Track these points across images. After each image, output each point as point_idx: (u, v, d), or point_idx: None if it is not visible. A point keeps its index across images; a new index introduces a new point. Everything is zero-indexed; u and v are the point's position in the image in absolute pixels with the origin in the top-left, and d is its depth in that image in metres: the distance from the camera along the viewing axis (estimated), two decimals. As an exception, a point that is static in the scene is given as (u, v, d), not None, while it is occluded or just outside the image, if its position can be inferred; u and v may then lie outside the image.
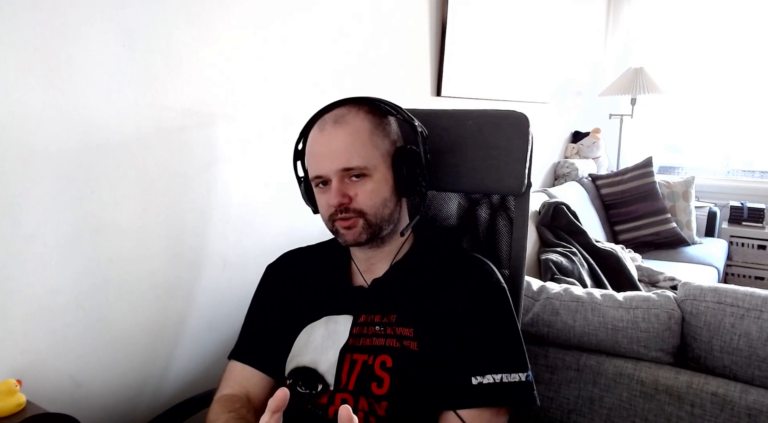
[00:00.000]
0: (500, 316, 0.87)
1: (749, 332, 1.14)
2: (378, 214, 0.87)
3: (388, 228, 0.90)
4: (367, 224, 0.87)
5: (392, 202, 0.90)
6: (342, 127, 0.86)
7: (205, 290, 1.28)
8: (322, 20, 1.50)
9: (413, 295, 0.89)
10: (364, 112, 0.89)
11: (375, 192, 0.87)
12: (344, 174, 0.86)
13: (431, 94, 2.11)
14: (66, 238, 0.99)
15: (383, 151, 0.88)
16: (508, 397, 0.82)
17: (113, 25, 1.01)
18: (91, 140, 1.01)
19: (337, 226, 0.88)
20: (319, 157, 0.87)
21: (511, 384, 0.81)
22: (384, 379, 0.83)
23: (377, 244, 0.92)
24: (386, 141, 0.89)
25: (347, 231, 0.87)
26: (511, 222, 1.08)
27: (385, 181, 0.88)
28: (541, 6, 2.91)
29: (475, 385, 0.80)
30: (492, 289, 0.89)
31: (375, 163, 0.87)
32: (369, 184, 0.86)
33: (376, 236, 0.89)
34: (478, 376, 0.81)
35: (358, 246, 0.90)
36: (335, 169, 0.85)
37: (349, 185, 0.86)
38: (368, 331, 0.88)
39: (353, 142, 0.85)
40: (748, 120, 3.76)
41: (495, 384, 0.81)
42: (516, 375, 0.82)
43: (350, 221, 0.86)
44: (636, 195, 3.17)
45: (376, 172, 0.87)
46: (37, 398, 0.94)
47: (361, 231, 0.87)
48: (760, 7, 3.58)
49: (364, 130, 0.87)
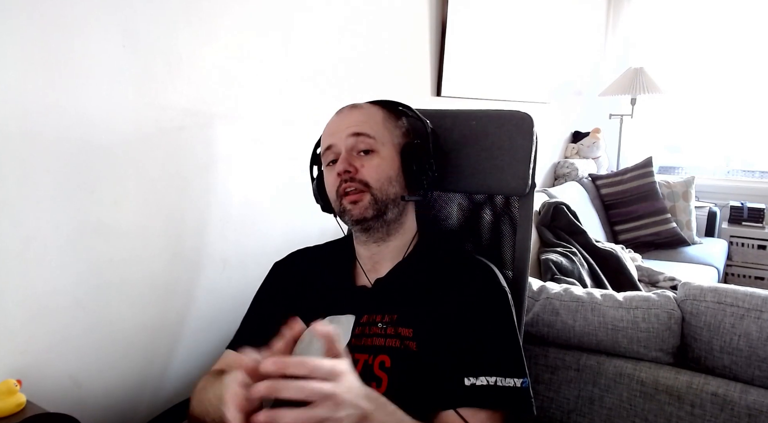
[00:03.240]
0: (499, 319, 0.86)
1: (749, 332, 1.14)
2: (383, 190, 0.89)
3: (393, 211, 0.91)
4: (374, 199, 0.88)
5: (398, 185, 0.91)
6: (358, 109, 0.93)
7: (205, 290, 1.28)
8: (322, 20, 1.50)
9: (415, 296, 0.89)
10: (379, 106, 0.96)
11: (380, 167, 0.89)
12: (353, 146, 0.89)
13: (431, 94, 2.11)
14: (66, 239, 0.99)
15: (394, 139, 0.93)
16: (502, 402, 0.80)
17: (113, 25, 1.01)
18: (91, 140, 1.01)
19: (344, 203, 0.89)
20: (331, 132, 0.92)
21: (505, 388, 0.80)
22: (382, 379, 0.83)
23: (382, 235, 0.92)
24: (398, 131, 0.94)
25: (353, 205, 0.88)
26: (514, 223, 1.07)
27: (391, 161, 0.91)
28: (541, 6, 2.91)
29: (467, 386, 0.79)
30: (493, 293, 0.88)
31: (384, 141, 0.91)
32: (375, 159, 0.89)
33: (382, 214, 0.89)
34: (471, 377, 0.79)
35: (365, 225, 0.90)
36: (346, 135, 0.89)
37: (356, 158, 0.89)
38: (370, 331, 0.88)
39: (367, 119, 0.91)
40: (748, 120, 3.77)
41: (488, 387, 0.79)
42: (511, 380, 0.81)
43: (356, 195, 0.88)
44: (636, 195, 3.17)
45: (383, 148, 0.90)
46: (37, 398, 0.93)
47: (368, 205, 0.88)
48: (760, 7, 3.58)
49: (378, 115, 0.93)
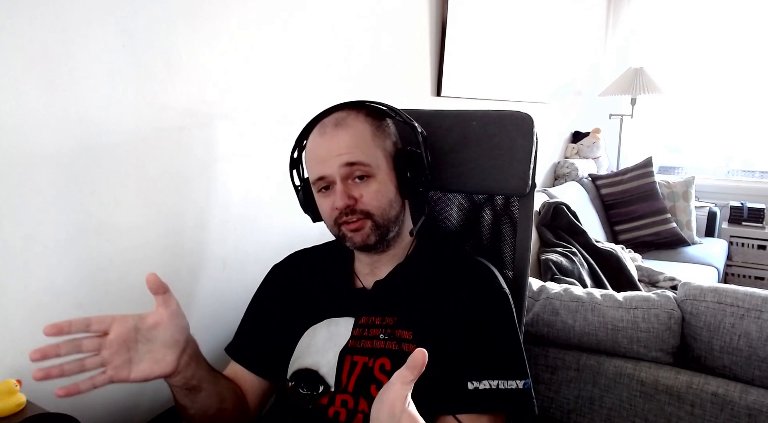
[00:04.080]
0: (500, 321, 0.86)
1: (749, 332, 1.14)
2: (385, 215, 0.86)
3: (394, 230, 0.89)
4: (375, 226, 0.85)
5: (397, 204, 0.89)
6: (344, 129, 0.85)
7: (205, 290, 1.28)
8: (322, 20, 1.50)
9: (414, 298, 0.89)
10: (364, 114, 0.88)
11: (380, 192, 0.85)
12: (348, 174, 0.84)
13: (431, 94, 2.11)
14: (66, 238, 0.99)
15: (385, 153, 0.88)
16: (505, 404, 0.80)
17: (113, 25, 1.01)
18: (91, 140, 1.01)
19: (343, 230, 0.86)
20: (321, 159, 0.86)
21: (507, 391, 0.79)
22: (383, 381, 0.82)
23: (383, 248, 0.91)
24: (387, 142, 0.89)
25: (355, 233, 0.85)
26: (515, 223, 1.07)
27: (389, 181, 0.87)
28: (541, 6, 2.91)
29: (471, 390, 0.79)
30: (493, 294, 0.88)
31: (378, 163, 0.86)
32: (374, 185, 0.85)
33: (384, 238, 0.87)
34: (474, 381, 0.79)
35: (367, 249, 0.89)
36: (339, 164, 0.83)
37: (354, 187, 0.85)
38: (369, 333, 0.88)
39: (357, 143, 0.85)
40: (748, 120, 3.77)
41: (491, 390, 0.79)
42: (513, 382, 0.80)
43: (357, 223, 0.85)
44: (636, 195, 3.17)
45: (379, 172, 0.86)
46: (37, 398, 0.93)
47: (370, 233, 0.85)
48: (760, 7, 3.58)
49: (366, 131, 0.86)
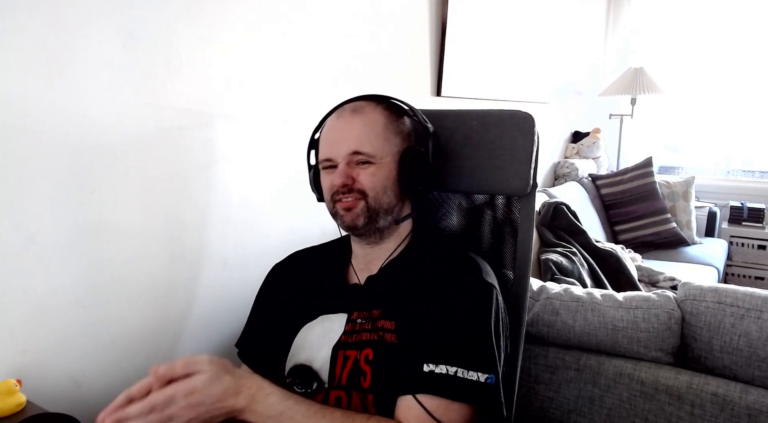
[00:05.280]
0: (472, 312, 0.83)
1: (749, 332, 1.14)
2: (378, 199, 0.89)
3: (386, 218, 0.91)
4: (367, 207, 0.89)
5: (393, 194, 0.91)
6: (359, 116, 0.90)
7: (205, 290, 1.28)
8: (322, 20, 1.50)
9: (401, 291, 0.89)
10: (382, 108, 0.93)
11: (376, 175, 0.89)
12: (352, 158, 0.89)
13: (431, 94, 2.11)
14: (66, 238, 0.99)
15: (393, 147, 0.91)
16: (464, 395, 0.78)
17: (113, 25, 1.01)
18: (91, 140, 1.01)
19: (337, 207, 0.90)
20: (332, 141, 0.91)
21: (466, 381, 0.77)
22: (367, 372, 0.84)
23: (375, 240, 0.93)
24: (398, 138, 0.92)
25: (346, 212, 0.89)
26: (516, 223, 1.06)
27: (388, 172, 0.90)
28: (540, 6, 2.91)
29: (426, 372, 0.78)
30: (473, 286, 0.86)
31: (383, 154, 0.90)
32: (371, 169, 0.89)
33: (373, 222, 0.90)
34: (431, 364, 0.78)
35: (356, 232, 0.92)
36: (345, 152, 0.88)
37: (354, 169, 0.89)
38: (359, 328, 0.89)
39: (367, 132, 0.89)
40: (748, 120, 3.76)
41: (447, 375, 0.77)
42: (474, 373, 0.78)
43: (351, 202, 0.89)
44: (636, 195, 3.17)
45: (382, 162, 0.90)
46: (37, 398, 0.93)
47: (360, 213, 0.89)
48: (760, 7, 3.58)
49: (380, 123, 0.91)
